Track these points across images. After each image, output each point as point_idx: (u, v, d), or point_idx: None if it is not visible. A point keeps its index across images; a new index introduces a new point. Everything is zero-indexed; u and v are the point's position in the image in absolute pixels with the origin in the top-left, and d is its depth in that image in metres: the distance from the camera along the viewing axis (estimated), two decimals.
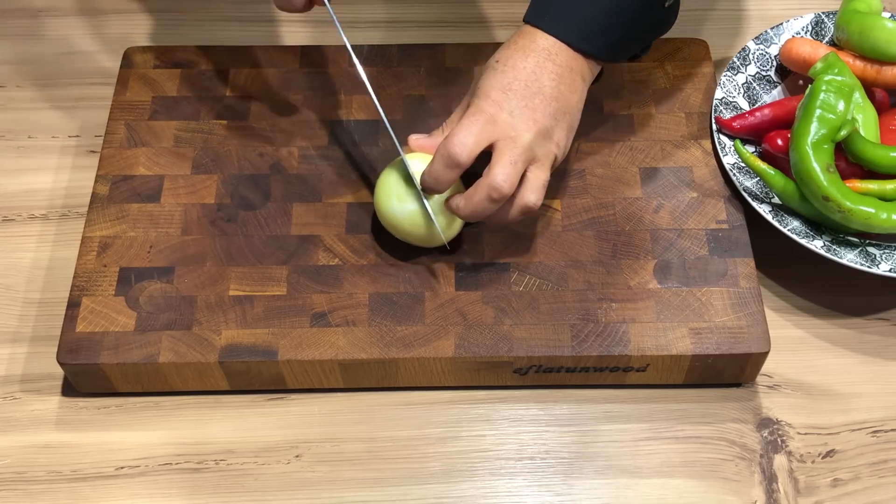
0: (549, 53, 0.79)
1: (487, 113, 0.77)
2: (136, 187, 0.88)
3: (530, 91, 0.78)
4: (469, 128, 0.77)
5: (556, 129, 0.79)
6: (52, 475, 0.79)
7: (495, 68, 0.79)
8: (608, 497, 0.78)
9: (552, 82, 0.79)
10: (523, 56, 0.79)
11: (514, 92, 0.78)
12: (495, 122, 0.77)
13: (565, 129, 0.80)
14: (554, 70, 0.79)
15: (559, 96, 0.79)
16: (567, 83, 0.80)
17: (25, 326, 0.86)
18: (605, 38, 0.81)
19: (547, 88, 0.79)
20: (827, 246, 0.83)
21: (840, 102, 0.84)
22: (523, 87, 0.78)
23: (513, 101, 0.78)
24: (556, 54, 0.79)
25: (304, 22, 1.06)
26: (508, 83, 0.78)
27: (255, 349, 0.79)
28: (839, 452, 0.80)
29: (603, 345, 0.79)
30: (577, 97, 0.81)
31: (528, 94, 0.78)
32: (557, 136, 0.79)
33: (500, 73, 0.79)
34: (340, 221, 0.86)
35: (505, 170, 0.76)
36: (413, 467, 0.79)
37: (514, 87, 0.78)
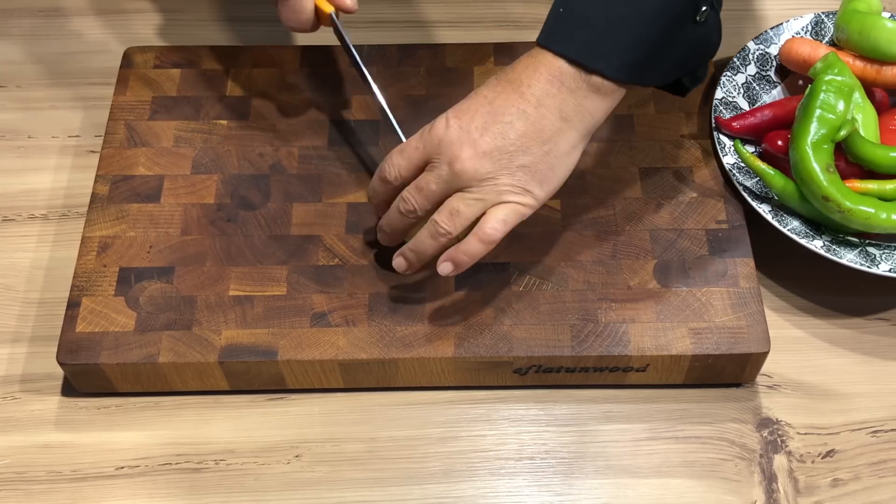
0: (517, 83, 0.74)
1: (419, 137, 0.76)
2: (136, 187, 0.88)
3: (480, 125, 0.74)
4: (403, 147, 0.77)
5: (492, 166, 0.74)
6: (52, 475, 0.79)
7: (476, 92, 0.76)
8: (608, 497, 0.78)
9: (513, 118, 0.73)
10: (494, 85, 0.75)
11: (459, 121, 0.74)
12: (427, 145, 0.75)
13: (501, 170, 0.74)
14: (513, 101, 0.74)
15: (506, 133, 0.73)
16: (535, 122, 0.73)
17: (25, 326, 0.86)
18: (623, 56, 0.73)
19: (504, 127, 0.73)
20: (827, 246, 0.83)
21: (840, 102, 0.84)
22: (472, 118, 0.74)
23: (451, 132, 0.74)
24: (526, 85, 0.74)
25: None
26: (462, 110, 0.75)
27: (254, 349, 0.79)
28: (839, 452, 0.80)
29: (603, 345, 0.79)
30: (542, 136, 0.74)
31: (480, 129, 0.74)
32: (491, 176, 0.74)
33: (464, 101, 0.76)
34: (340, 221, 0.86)
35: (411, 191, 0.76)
36: (413, 467, 0.79)
37: (463, 116, 0.74)
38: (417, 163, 0.77)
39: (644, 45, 0.73)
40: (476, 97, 0.76)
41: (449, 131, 0.75)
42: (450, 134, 0.75)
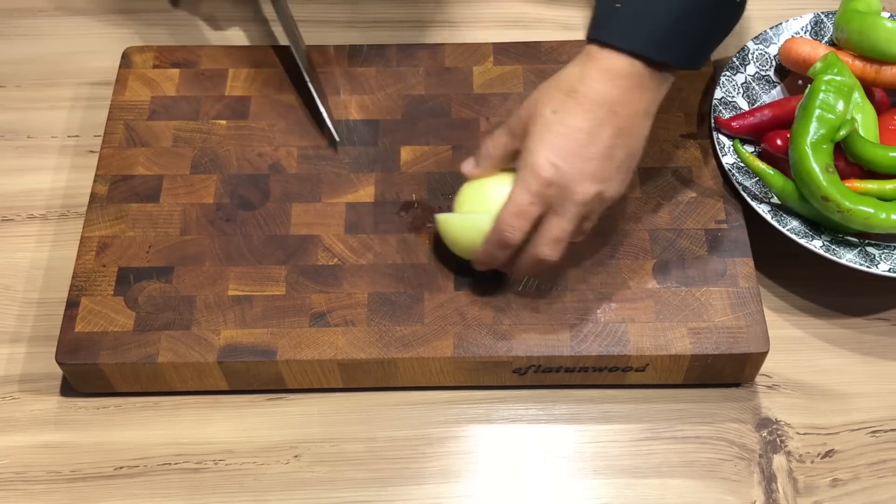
0: (610, 105, 0.73)
1: (534, 191, 0.74)
2: (135, 187, 0.88)
3: (582, 158, 0.73)
4: (518, 210, 0.75)
5: (609, 187, 0.75)
6: (51, 475, 0.79)
7: (548, 123, 0.74)
8: (608, 497, 0.78)
9: (609, 141, 0.74)
10: (583, 111, 0.73)
11: (566, 161, 0.73)
12: (544, 199, 0.74)
13: (620, 180, 0.76)
14: (613, 123, 0.74)
15: (615, 153, 0.74)
16: (627, 131, 0.75)
17: (24, 326, 0.86)
18: (683, 43, 0.75)
19: (603, 150, 0.74)
20: (826, 246, 0.83)
21: (839, 102, 0.84)
22: (575, 154, 0.73)
23: (563, 174, 0.73)
24: (619, 102, 0.74)
25: (304, 22, 1.06)
26: (560, 148, 0.73)
27: (254, 349, 0.79)
28: (838, 452, 0.80)
29: (602, 345, 0.79)
30: (637, 140, 0.76)
31: (580, 163, 0.73)
32: (611, 191, 0.76)
33: (552, 134, 0.73)
34: (339, 221, 0.86)
35: (550, 247, 0.76)
36: (413, 467, 0.79)
37: (566, 156, 0.73)
38: (536, 216, 0.75)
39: (703, 32, 0.76)
40: (563, 128, 0.73)
41: (561, 173, 0.73)
42: (563, 176, 0.73)
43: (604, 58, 0.74)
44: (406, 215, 0.86)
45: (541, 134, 0.74)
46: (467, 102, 0.93)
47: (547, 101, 0.75)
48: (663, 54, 0.74)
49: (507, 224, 0.75)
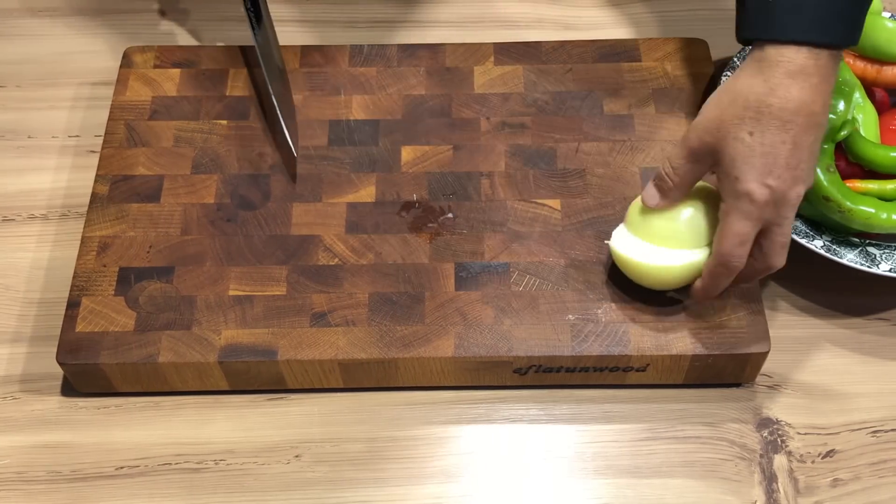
0: (807, 106, 0.71)
1: (755, 217, 0.72)
2: (136, 187, 0.88)
3: (791, 166, 0.71)
4: (742, 239, 0.73)
5: (811, 176, 0.74)
6: (51, 475, 0.79)
7: (751, 146, 0.71)
8: (608, 497, 0.78)
9: (812, 138, 0.72)
10: (782, 125, 0.71)
11: (778, 177, 0.71)
12: (763, 218, 0.73)
13: (814, 169, 0.76)
14: (813, 123, 0.71)
15: (815, 148, 0.73)
16: (822, 125, 0.73)
17: (25, 326, 0.86)
18: (847, 19, 0.72)
19: (806, 150, 0.72)
20: (827, 246, 0.83)
21: (840, 102, 0.84)
22: (784, 167, 0.71)
23: (778, 190, 0.71)
24: (813, 101, 0.71)
25: (304, 22, 1.06)
26: (770, 167, 0.71)
27: (254, 349, 0.79)
28: (839, 452, 0.80)
29: (603, 344, 0.79)
30: (826, 126, 0.75)
31: (791, 171, 0.71)
32: (811, 179, 0.74)
33: (758, 157, 0.71)
34: (340, 221, 0.86)
35: (781, 254, 0.75)
36: (413, 467, 0.79)
37: (777, 172, 0.71)
38: (756, 233, 0.74)
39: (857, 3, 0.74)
40: (767, 148, 0.71)
41: (775, 191, 0.71)
42: (777, 192, 0.72)
43: (784, 59, 0.71)
44: (407, 215, 0.86)
45: (745, 159, 0.71)
46: (468, 102, 0.93)
47: (739, 124, 0.72)
48: (837, 36, 0.71)
49: (733, 256, 0.74)
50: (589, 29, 1.05)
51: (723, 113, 0.73)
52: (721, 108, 0.73)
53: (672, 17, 1.06)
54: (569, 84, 0.94)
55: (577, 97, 0.93)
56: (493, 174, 0.89)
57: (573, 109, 0.93)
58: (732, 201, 0.73)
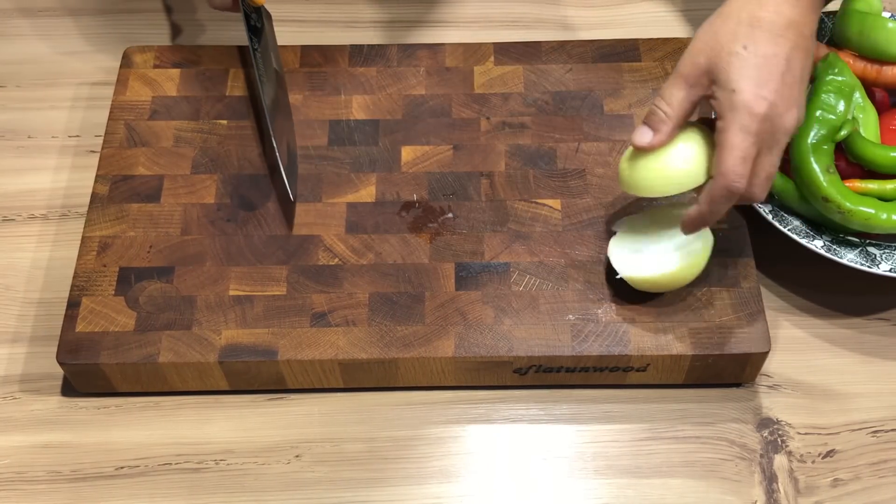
0: (796, 26, 0.72)
1: (754, 131, 0.72)
2: (136, 187, 0.88)
3: (785, 84, 0.72)
4: (744, 154, 0.72)
5: (802, 110, 0.74)
6: (52, 475, 0.79)
7: (745, 58, 0.72)
8: (608, 497, 0.78)
9: (801, 63, 0.73)
10: (773, 38, 0.72)
11: (774, 91, 0.71)
12: (760, 136, 0.72)
13: (804, 104, 0.75)
14: (801, 45, 0.73)
15: (805, 74, 0.74)
16: (809, 51, 0.74)
17: (25, 326, 0.86)
18: None
19: (798, 72, 0.73)
20: (827, 246, 0.83)
21: (840, 102, 0.84)
22: (780, 82, 0.72)
23: (774, 106, 0.72)
24: (802, 23, 0.73)
25: (304, 22, 1.06)
26: (766, 80, 0.71)
27: (254, 349, 0.79)
28: (839, 452, 0.80)
29: (603, 344, 0.79)
30: (811, 60, 0.75)
31: (784, 90, 0.72)
32: (802, 113, 0.74)
33: (753, 67, 0.71)
34: (340, 221, 0.86)
35: (765, 186, 0.74)
36: (413, 467, 0.79)
37: (773, 86, 0.71)
38: (755, 157, 0.73)
39: None
40: (761, 59, 0.72)
41: (772, 106, 0.72)
42: (774, 108, 0.72)
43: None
44: (407, 215, 0.86)
45: (742, 71, 0.72)
46: (468, 102, 0.93)
47: (732, 38, 0.72)
48: None
49: (735, 173, 0.72)
50: (589, 29, 1.05)
51: (716, 33, 0.73)
52: (714, 29, 0.74)
53: (672, 17, 1.06)
54: (569, 84, 0.94)
55: (577, 97, 0.93)
56: (493, 174, 0.89)
57: (573, 109, 0.93)
58: (731, 115, 0.72)
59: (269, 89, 0.90)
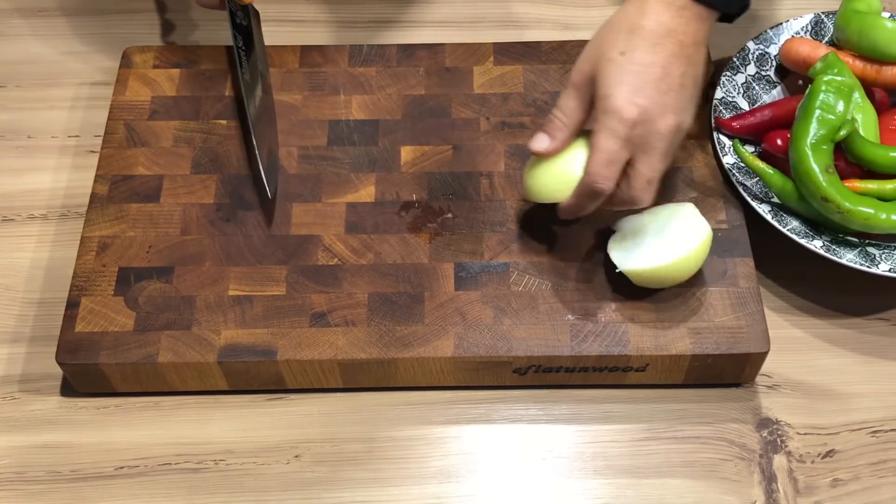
0: (675, 35, 0.74)
1: (623, 135, 0.74)
2: (136, 187, 0.88)
3: (660, 92, 0.74)
4: (609, 158, 0.74)
5: (685, 118, 0.76)
6: (51, 475, 0.79)
7: (621, 64, 0.74)
8: (608, 497, 0.78)
9: (681, 70, 0.75)
10: (651, 46, 0.74)
11: (647, 97, 0.74)
12: (631, 141, 0.74)
13: (691, 110, 0.77)
14: (681, 54, 0.75)
15: (687, 82, 0.76)
16: (693, 61, 0.76)
17: (24, 326, 0.86)
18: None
19: (677, 80, 0.75)
20: (826, 246, 0.83)
21: (839, 102, 0.84)
22: (654, 89, 0.74)
23: (647, 111, 0.74)
24: (682, 32, 0.75)
25: (304, 22, 1.06)
26: (640, 87, 0.74)
27: (254, 349, 0.79)
28: (839, 452, 0.80)
29: (602, 344, 0.79)
30: (701, 69, 0.77)
31: (659, 97, 0.74)
32: (686, 122, 0.77)
33: (628, 74, 0.74)
34: (340, 221, 0.86)
35: (644, 188, 0.76)
36: (413, 467, 0.79)
37: (646, 92, 0.74)
38: (625, 160, 0.75)
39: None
40: (636, 66, 0.74)
41: (644, 111, 0.74)
42: (646, 113, 0.74)
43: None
44: (406, 215, 0.86)
45: (615, 76, 0.74)
46: (467, 102, 0.93)
47: (612, 45, 0.75)
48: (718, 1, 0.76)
49: (598, 175, 0.75)
50: (589, 29, 1.03)
51: (601, 41, 0.76)
52: (599, 37, 0.77)
53: None
54: None
55: None
56: (492, 174, 0.89)
57: None
58: (603, 119, 0.74)
59: (253, 89, 0.90)
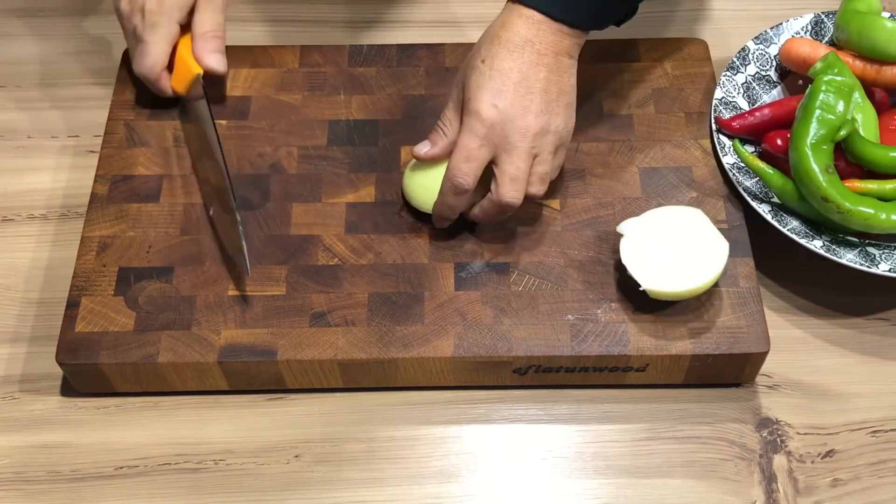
0: (532, 44, 0.79)
1: (482, 134, 0.78)
2: (136, 187, 0.88)
3: (519, 94, 0.78)
4: (468, 154, 0.79)
5: (552, 121, 0.80)
6: (51, 475, 0.79)
7: (482, 71, 0.79)
8: (608, 497, 0.78)
9: (541, 76, 0.79)
10: (509, 53, 0.79)
11: (506, 100, 0.78)
12: (491, 140, 0.79)
13: (562, 113, 0.81)
14: (540, 62, 0.79)
15: (549, 87, 0.79)
16: (554, 69, 0.80)
17: (24, 326, 0.86)
18: (587, 6, 0.80)
19: (537, 85, 0.79)
20: (826, 246, 0.83)
21: (839, 102, 0.84)
22: (513, 92, 0.78)
23: (506, 112, 0.78)
24: (539, 42, 0.79)
25: (304, 22, 1.06)
26: (499, 90, 0.78)
27: (254, 349, 0.79)
28: (839, 452, 0.80)
29: (602, 344, 0.79)
30: (567, 77, 0.81)
31: (518, 99, 0.78)
32: (555, 123, 0.80)
33: (488, 79, 0.79)
34: (340, 221, 0.86)
35: (509, 186, 0.79)
36: (413, 467, 0.79)
37: (505, 95, 0.78)
38: (486, 159, 0.80)
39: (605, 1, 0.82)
40: (496, 72, 0.79)
41: (502, 112, 0.78)
42: (505, 114, 0.78)
43: (524, 9, 0.79)
44: (406, 215, 0.86)
45: (477, 82, 0.79)
46: None
47: (476, 55, 0.80)
48: (566, 14, 0.79)
49: (457, 170, 0.79)
50: None
51: (469, 55, 0.82)
52: (470, 52, 0.82)
53: (672, 17, 1.06)
54: None
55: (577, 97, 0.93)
56: None
57: None
58: (465, 120, 0.79)
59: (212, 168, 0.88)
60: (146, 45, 0.89)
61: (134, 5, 0.89)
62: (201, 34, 0.90)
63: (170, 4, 0.89)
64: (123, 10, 0.90)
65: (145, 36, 0.89)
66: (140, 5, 0.89)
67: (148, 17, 0.89)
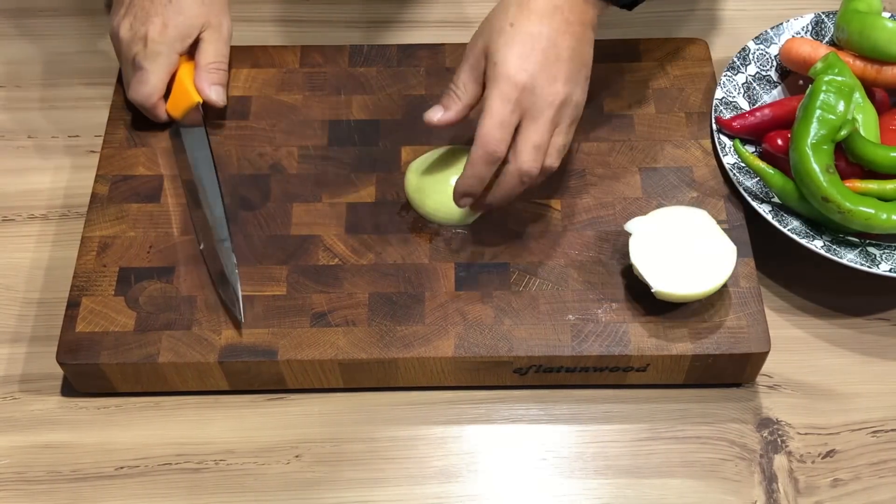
0: (562, 11, 0.78)
1: (513, 99, 0.77)
2: (136, 187, 0.88)
3: (549, 60, 0.77)
4: (501, 119, 0.77)
5: (575, 91, 0.79)
6: (52, 475, 0.79)
7: (511, 35, 0.77)
8: (608, 497, 0.78)
9: (568, 44, 0.78)
10: (539, 18, 0.77)
11: (534, 64, 0.77)
12: (521, 105, 0.77)
13: (582, 86, 0.80)
14: (568, 30, 0.78)
15: (575, 56, 0.78)
16: (580, 38, 0.79)
17: (25, 326, 0.86)
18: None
19: (564, 52, 0.77)
20: (827, 246, 0.83)
21: (840, 103, 0.84)
22: (542, 57, 0.77)
23: (535, 78, 0.77)
24: (569, 10, 0.78)
25: (304, 22, 1.06)
26: (528, 55, 0.77)
27: (254, 349, 0.79)
28: (839, 452, 0.80)
29: (603, 344, 0.79)
30: (588, 49, 0.80)
31: (548, 65, 0.77)
32: (577, 96, 0.79)
33: (517, 44, 0.77)
34: (340, 221, 0.86)
35: (532, 155, 0.78)
36: (413, 467, 0.79)
37: (533, 59, 0.77)
38: (515, 126, 0.78)
39: None
40: (526, 36, 0.77)
41: (533, 77, 0.77)
42: (536, 79, 0.77)
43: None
44: (406, 215, 0.86)
45: (506, 45, 0.77)
46: None
47: (502, 18, 0.78)
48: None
49: (491, 137, 0.77)
50: None
51: (491, 18, 0.79)
52: (490, 16, 0.80)
53: (672, 17, 1.06)
54: None
55: None
56: None
57: None
58: (493, 84, 0.77)
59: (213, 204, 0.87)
60: (145, 73, 0.88)
61: (135, 33, 0.88)
62: (205, 65, 0.90)
63: (173, 35, 0.88)
64: (123, 36, 0.89)
65: (145, 64, 0.88)
66: (142, 34, 0.88)
67: (150, 45, 0.88)
